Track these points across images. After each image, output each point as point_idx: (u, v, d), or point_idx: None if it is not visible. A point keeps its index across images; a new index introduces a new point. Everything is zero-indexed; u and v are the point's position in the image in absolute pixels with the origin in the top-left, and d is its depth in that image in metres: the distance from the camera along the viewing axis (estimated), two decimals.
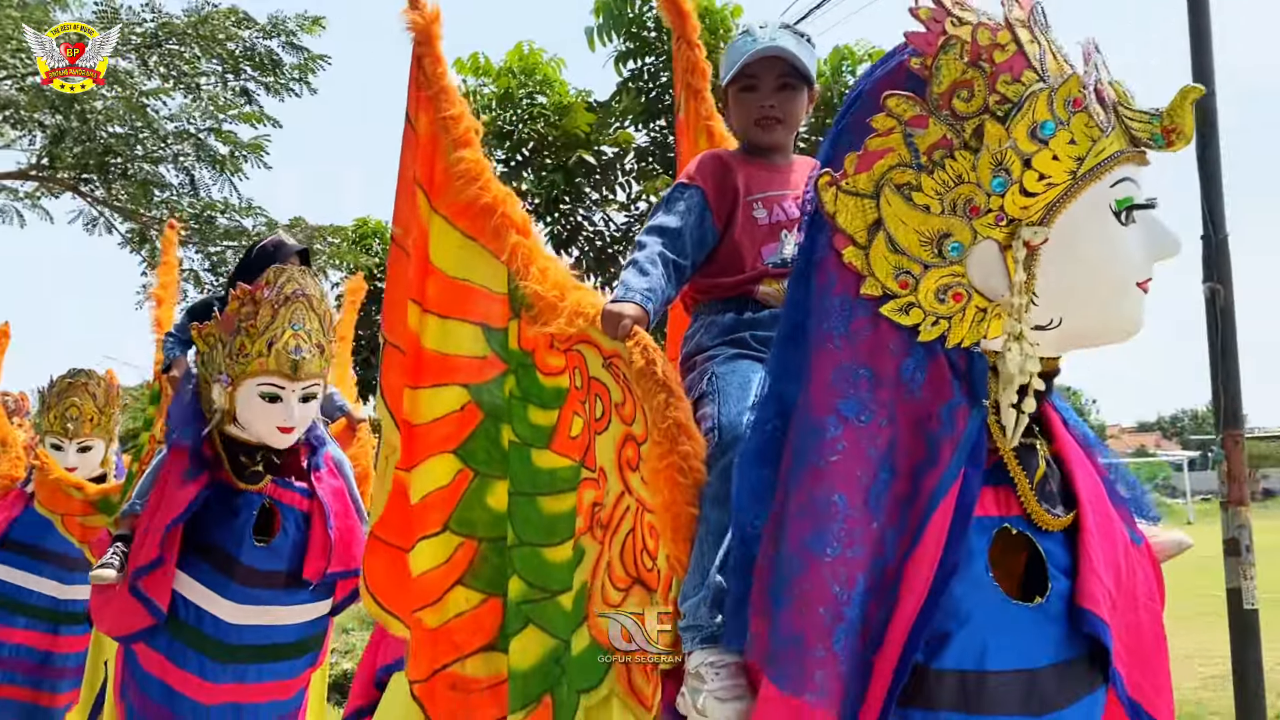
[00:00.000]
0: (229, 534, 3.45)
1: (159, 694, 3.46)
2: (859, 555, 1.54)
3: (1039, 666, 1.60)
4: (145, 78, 8.38)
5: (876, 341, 1.60)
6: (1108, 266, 1.59)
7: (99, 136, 8.35)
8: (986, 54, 1.52)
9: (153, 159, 8.93)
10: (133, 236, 10.22)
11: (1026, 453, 1.68)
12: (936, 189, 1.55)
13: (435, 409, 2.49)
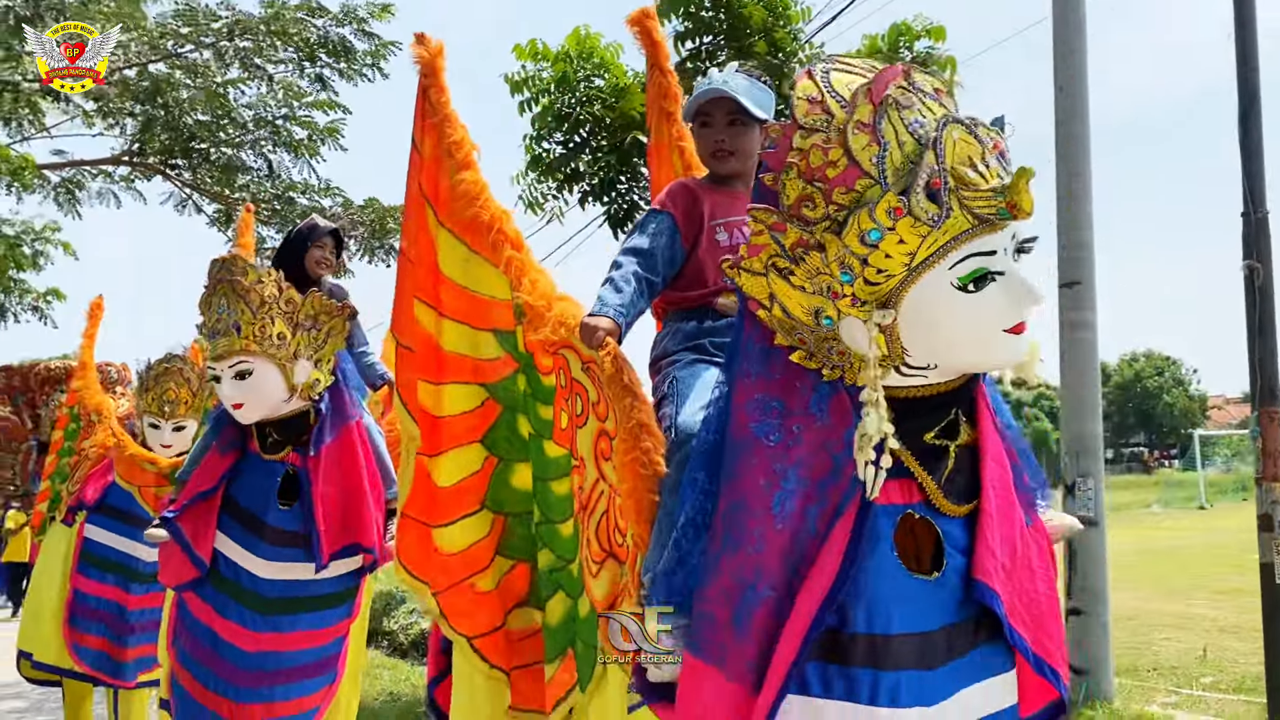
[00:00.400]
0: (257, 498, 3.87)
1: (207, 640, 3.88)
2: (760, 551, 1.85)
3: (933, 629, 1.88)
4: (222, 70, 8.88)
5: (788, 380, 1.91)
6: (962, 330, 1.80)
7: (183, 124, 8.89)
8: (820, 173, 1.76)
9: (234, 144, 9.46)
10: (219, 216, 10.78)
11: (935, 452, 1.92)
12: (806, 274, 1.82)
13: (458, 404, 2.82)
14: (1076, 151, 7.12)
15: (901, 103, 1.77)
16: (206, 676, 3.89)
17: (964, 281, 1.76)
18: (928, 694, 1.86)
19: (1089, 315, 7.05)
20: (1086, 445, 7.03)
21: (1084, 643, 6.90)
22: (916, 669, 1.86)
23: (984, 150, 1.76)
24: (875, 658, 1.85)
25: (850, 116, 1.76)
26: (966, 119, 1.78)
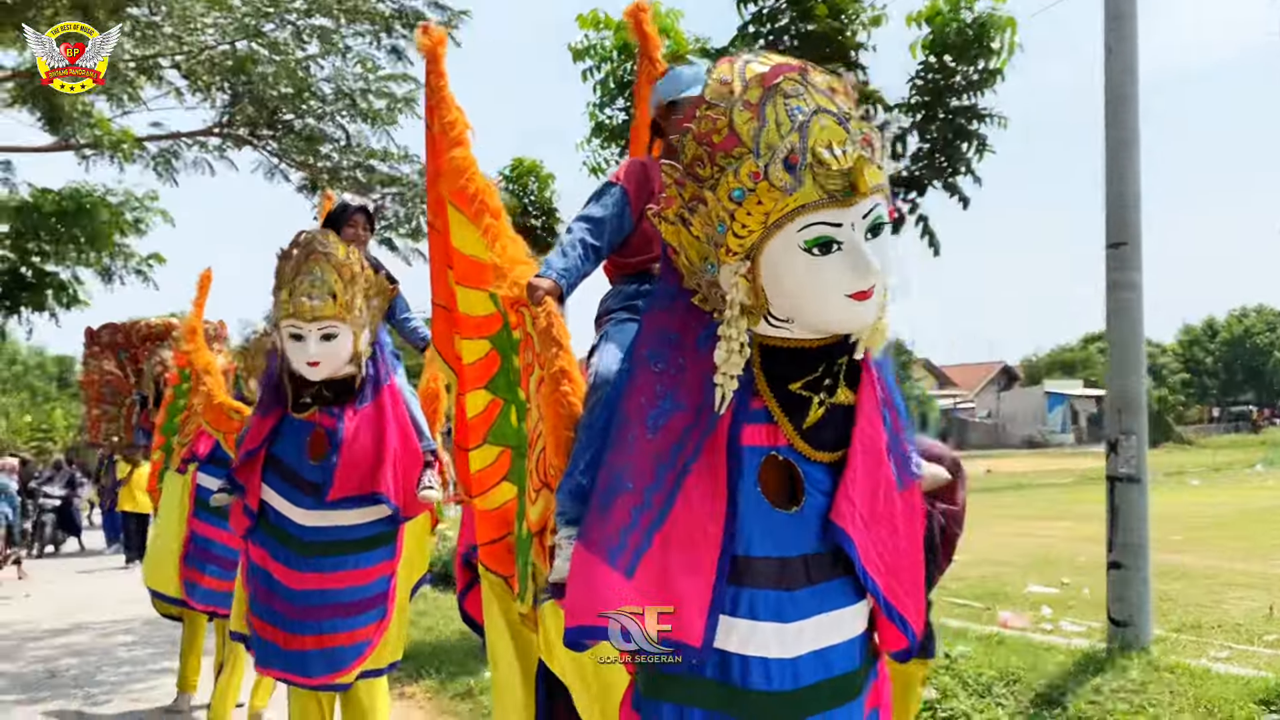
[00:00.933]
0: (294, 454, 4.35)
1: (264, 580, 4.40)
2: (630, 454, 2.17)
3: (791, 556, 2.18)
4: (300, 47, 9.34)
5: (685, 319, 2.22)
6: (805, 288, 2.09)
7: (267, 98, 9.40)
8: (707, 138, 2.07)
9: (315, 115, 9.95)
10: (305, 184, 11.34)
11: (799, 402, 2.21)
12: (700, 224, 2.13)
13: (470, 355, 3.24)
14: (1124, 113, 7.12)
15: (788, 91, 2.05)
16: (265, 612, 4.40)
17: (809, 245, 2.05)
18: (785, 612, 2.16)
19: (1134, 276, 7.08)
20: (1129, 403, 7.10)
21: (1124, 596, 7.01)
22: (775, 589, 2.16)
23: (848, 139, 2.05)
24: (738, 575, 2.15)
25: (741, 95, 2.06)
26: (841, 113, 2.06)
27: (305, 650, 4.37)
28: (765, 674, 2.16)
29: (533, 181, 15.13)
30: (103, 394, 19.31)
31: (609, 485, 2.19)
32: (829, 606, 2.21)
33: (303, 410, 4.38)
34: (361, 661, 4.44)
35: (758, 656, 2.15)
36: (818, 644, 2.21)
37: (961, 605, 10.29)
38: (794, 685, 2.17)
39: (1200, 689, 6.16)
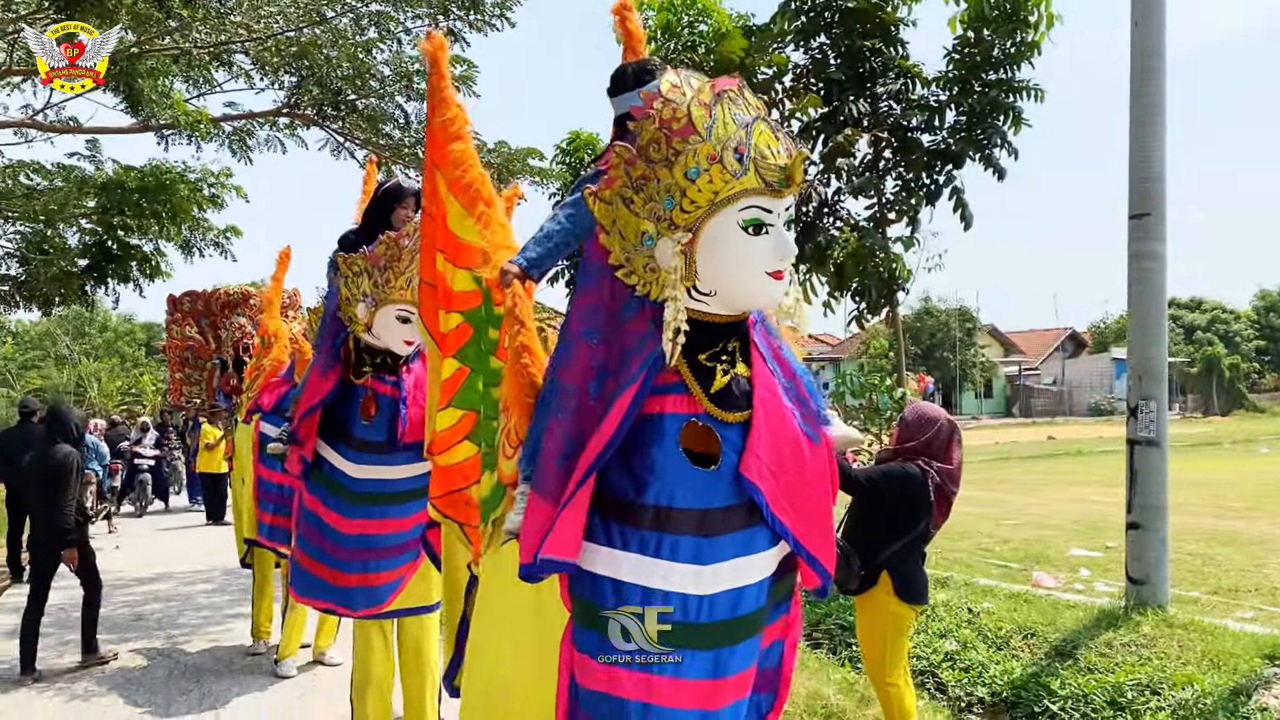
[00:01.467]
0: (347, 414, 4.84)
1: (315, 524, 4.93)
2: (571, 418, 2.56)
3: (710, 507, 2.53)
4: (359, 34, 9.82)
5: (612, 292, 2.60)
6: (737, 261, 2.47)
7: (330, 81, 9.90)
8: (667, 124, 2.44)
9: (376, 96, 10.44)
10: (368, 159, 11.85)
11: (707, 370, 2.59)
12: (642, 202, 2.50)
13: (447, 324, 3.61)
14: (1150, 86, 7.28)
15: (732, 98, 2.47)
16: (315, 551, 4.94)
17: (746, 224, 2.44)
18: (704, 555, 2.52)
19: (1157, 246, 7.27)
20: (1151, 370, 7.33)
21: (1141, 556, 7.28)
22: (695, 536, 2.52)
23: (780, 143, 2.46)
24: (661, 523, 2.52)
25: (696, 95, 2.46)
26: (774, 123, 2.46)
27: (351, 586, 4.91)
28: (685, 608, 2.53)
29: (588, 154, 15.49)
30: (185, 358, 20.14)
31: (561, 444, 2.54)
32: (745, 551, 2.56)
33: (360, 376, 4.87)
34: (395, 597, 4.96)
35: (678, 593, 2.52)
36: (733, 584, 2.56)
37: (1000, 566, 10.56)
38: (707, 618, 2.53)
39: (1209, 644, 6.43)
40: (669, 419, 2.54)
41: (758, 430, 2.53)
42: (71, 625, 8.92)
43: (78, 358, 50.90)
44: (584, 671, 2.57)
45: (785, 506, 2.54)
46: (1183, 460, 26.07)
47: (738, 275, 2.50)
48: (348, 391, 4.86)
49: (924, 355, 50.88)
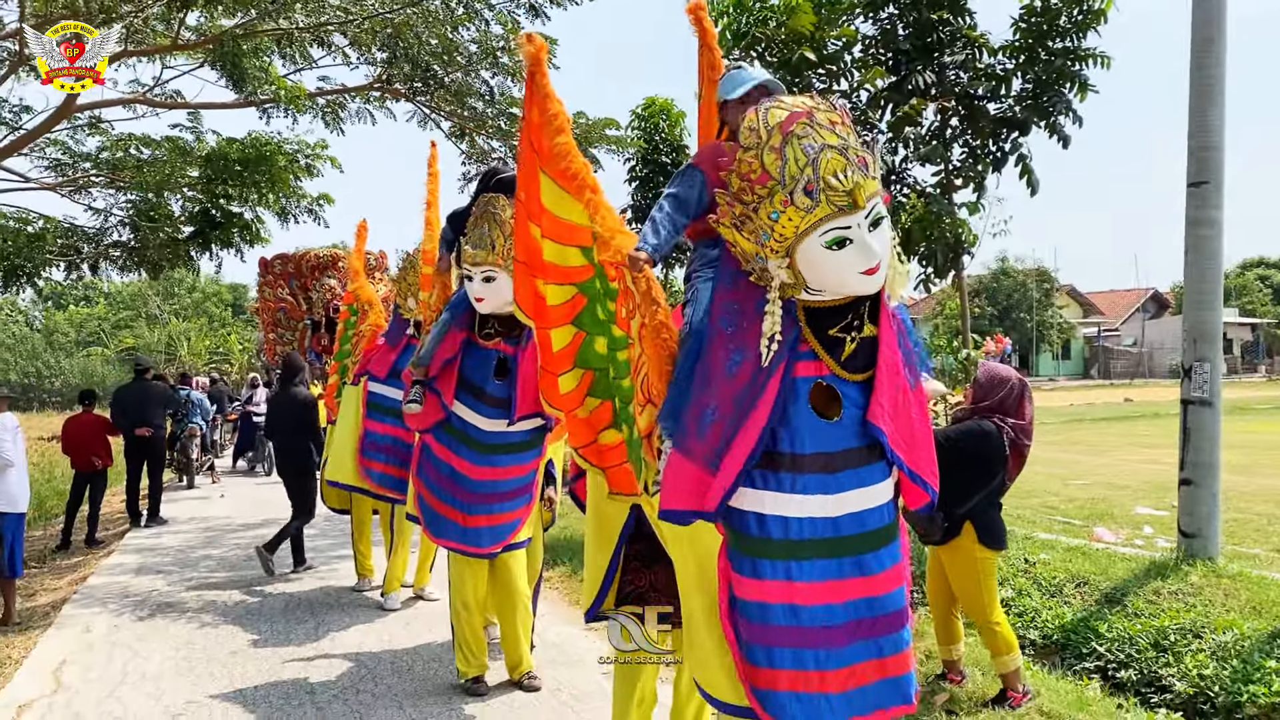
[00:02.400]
0: (480, 374, 5.43)
1: (447, 472, 5.52)
2: (716, 393, 3.09)
3: (834, 450, 3.07)
4: (449, 15, 10.34)
5: (746, 293, 3.12)
6: (830, 272, 2.95)
7: (420, 58, 10.45)
8: (747, 177, 2.93)
9: (462, 71, 10.97)
10: (454, 130, 12.42)
11: (836, 341, 3.09)
12: (747, 234, 3.00)
13: (557, 298, 4.06)
14: (1209, 58, 7.48)
15: (799, 134, 2.90)
16: (447, 497, 5.54)
17: (829, 244, 2.91)
18: (830, 486, 3.07)
19: (1214, 213, 7.51)
20: (1205, 333, 7.59)
21: (1193, 511, 7.59)
22: (820, 474, 3.07)
23: (848, 164, 2.88)
24: (795, 466, 3.07)
25: (766, 142, 2.92)
26: (841, 144, 2.89)
27: (479, 527, 5.53)
28: (815, 528, 3.07)
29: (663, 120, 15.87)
30: (277, 319, 20.99)
31: (704, 416, 3.11)
32: (864, 482, 3.11)
33: (488, 339, 5.46)
34: (515, 535, 5.59)
35: (809, 518, 3.07)
36: (859, 506, 3.11)
37: (1063, 523, 10.88)
38: (834, 534, 3.08)
39: (1254, 593, 6.76)
40: (800, 382, 3.07)
41: (880, 385, 3.06)
42: (191, 564, 9.79)
43: (167, 318, 52.72)
44: (738, 585, 3.14)
45: (900, 443, 3.10)
46: (1263, 423, 25.82)
47: (837, 280, 3.00)
48: (481, 354, 5.46)
49: (1000, 316, 50.42)
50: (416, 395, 5.53)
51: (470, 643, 5.72)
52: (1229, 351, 58.95)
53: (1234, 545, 9.48)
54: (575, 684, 5.81)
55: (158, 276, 14.76)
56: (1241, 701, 5.57)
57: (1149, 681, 6.12)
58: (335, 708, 5.54)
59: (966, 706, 5.19)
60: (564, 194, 3.86)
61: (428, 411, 5.51)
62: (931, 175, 9.81)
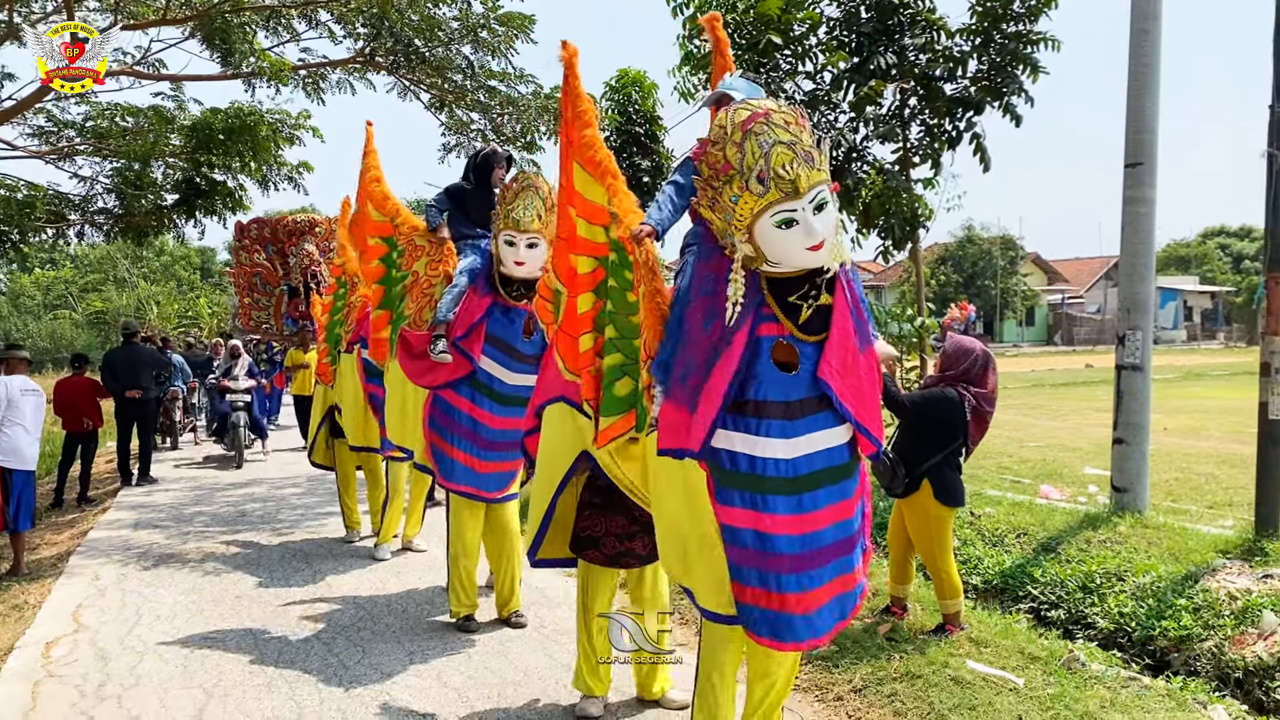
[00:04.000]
0: (510, 332, 6.01)
1: (465, 422, 6.10)
2: (696, 347, 3.63)
3: (791, 399, 3.61)
4: None
5: (719, 263, 3.66)
6: (781, 249, 3.47)
7: (403, 34, 10.85)
8: (713, 165, 3.48)
9: (444, 46, 11.36)
10: (433, 102, 12.78)
11: (794, 307, 3.63)
12: (717, 214, 3.54)
13: (583, 268, 4.59)
14: (1147, 47, 8.05)
15: (757, 131, 3.43)
16: (465, 446, 6.12)
17: (778, 224, 3.44)
18: (788, 431, 3.61)
19: (1148, 192, 8.11)
20: (1138, 303, 8.21)
21: (1124, 467, 8.25)
22: (781, 419, 3.61)
23: (795, 158, 3.41)
24: (759, 411, 3.61)
25: (729, 137, 3.46)
26: (791, 140, 3.42)
27: (489, 473, 6.13)
28: (776, 468, 3.62)
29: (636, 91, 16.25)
30: (253, 284, 21.15)
31: (685, 367, 3.66)
32: (817, 428, 3.65)
33: (517, 299, 6.02)
34: (514, 483, 6.17)
35: (771, 458, 3.61)
36: (811, 449, 3.65)
37: (1014, 481, 11.53)
38: (793, 474, 3.63)
39: (1174, 541, 7.43)
40: (764, 340, 3.62)
41: (831, 346, 3.61)
42: (186, 519, 10.27)
43: (136, 281, 52.51)
44: (719, 513, 3.70)
45: (848, 397, 3.62)
46: (1216, 389, 26.71)
47: (786, 254, 3.53)
48: (509, 313, 6.02)
49: (966, 283, 51.22)
50: (445, 348, 6.04)
51: (465, 584, 6.29)
52: (1189, 319, 60.20)
53: (1171, 502, 10.16)
54: (557, 621, 6.38)
55: (143, 243, 15.09)
56: (1154, 635, 6.22)
57: (1076, 620, 6.78)
58: (339, 643, 6.08)
59: (907, 635, 5.80)
60: (590, 179, 4.44)
61: (451, 367, 6.04)
62: (891, 153, 10.38)
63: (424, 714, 5.00)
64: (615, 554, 4.83)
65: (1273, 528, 7.19)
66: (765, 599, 3.65)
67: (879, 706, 5.00)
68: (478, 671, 5.58)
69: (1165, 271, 60.28)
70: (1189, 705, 5.00)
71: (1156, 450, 12.81)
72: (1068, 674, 5.23)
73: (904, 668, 5.32)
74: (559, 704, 5.10)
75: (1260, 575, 6.49)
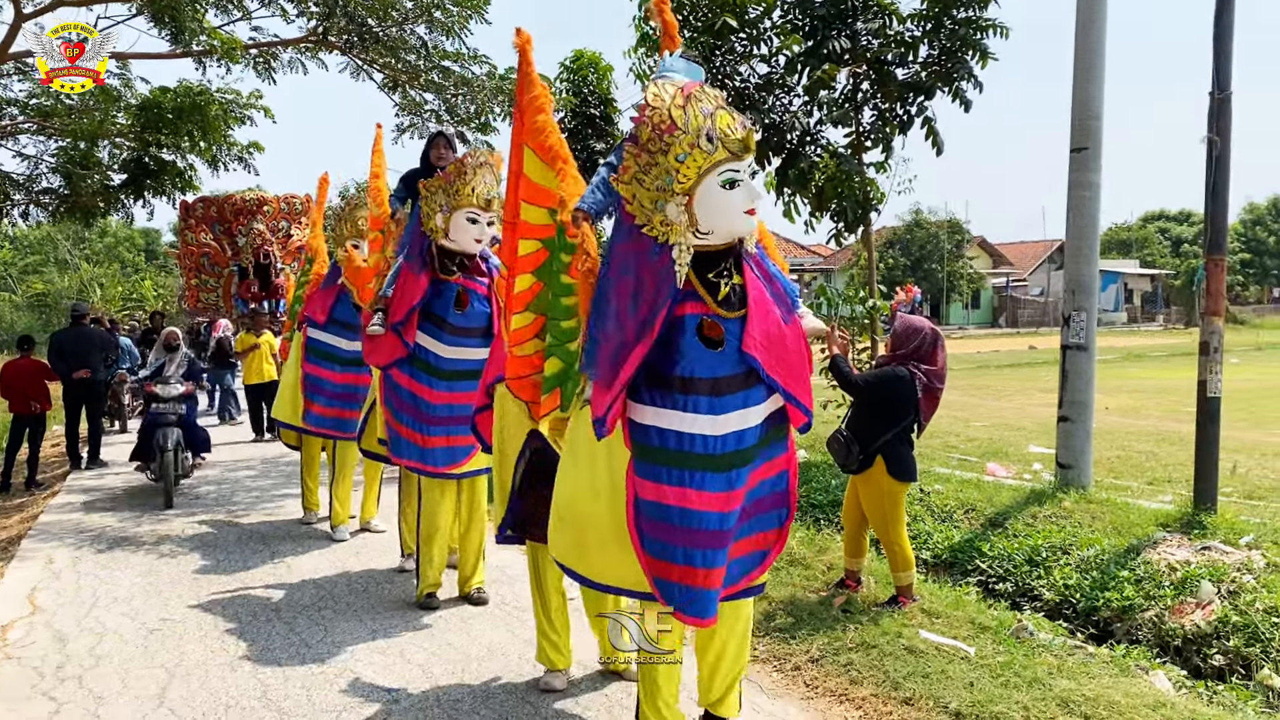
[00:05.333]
0: (442, 306, 6.05)
1: (408, 398, 6.15)
2: (621, 329, 3.68)
3: (719, 375, 3.67)
4: None
5: (639, 242, 3.71)
6: (722, 209, 3.56)
7: (356, 13, 10.78)
8: (656, 126, 3.52)
9: (398, 26, 11.30)
10: (386, 82, 12.70)
11: (713, 285, 3.70)
12: (650, 180, 3.58)
13: (526, 250, 4.69)
14: (1091, 34, 8.25)
15: (698, 97, 3.55)
16: (408, 420, 6.17)
17: (724, 184, 3.54)
18: (715, 408, 3.68)
19: (1093, 176, 8.32)
20: (1083, 285, 8.44)
21: (1068, 445, 8.50)
22: (708, 396, 3.67)
23: (734, 121, 3.53)
24: (685, 388, 3.68)
25: (672, 100, 3.54)
26: (728, 108, 3.53)
27: (435, 447, 6.17)
28: (705, 444, 3.69)
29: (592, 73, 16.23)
30: (200, 264, 20.77)
31: (616, 347, 3.69)
32: (744, 405, 3.72)
33: (449, 274, 6.07)
34: (470, 458, 6.20)
35: (699, 434, 3.68)
36: (741, 426, 3.73)
37: (961, 459, 11.78)
38: (720, 450, 3.70)
39: (1116, 516, 7.67)
40: (689, 318, 3.68)
41: (752, 320, 3.68)
42: (140, 502, 10.18)
43: (78, 263, 51.49)
44: (642, 489, 3.74)
45: (776, 368, 3.69)
46: (1156, 369, 27.38)
47: (725, 217, 3.60)
48: (444, 288, 6.07)
49: (913, 266, 51.80)
50: (379, 321, 6.12)
51: (435, 563, 6.34)
52: (1130, 301, 61.45)
53: (1113, 478, 10.45)
54: (518, 599, 6.45)
55: (91, 224, 14.86)
56: (1098, 606, 6.44)
57: (1023, 592, 6.99)
58: (301, 622, 6.11)
59: (862, 607, 5.96)
60: (541, 164, 4.53)
61: (390, 348, 6.09)
62: (843, 137, 10.51)
63: (388, 689, 5.06)
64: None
65: (1210, 502, 7.44)
66: (692, 576, 3.71)
67: (835, 675, 5.15)
68: (441, 648, 5.64)
69: (1107, 255, 61.31)
70: (1131, 671, 5.21)
71: (1099, 429, 13.10)
72: (1016, 643, 5.41)
73: (859, 638, 5.47)
74: (522, 678, 5.18)
75: (1198, 547, 6.74)
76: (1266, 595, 5.98)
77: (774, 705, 4.89)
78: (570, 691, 4.98)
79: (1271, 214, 65.38)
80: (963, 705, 4.61)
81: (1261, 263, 64.08)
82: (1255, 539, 6.79)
